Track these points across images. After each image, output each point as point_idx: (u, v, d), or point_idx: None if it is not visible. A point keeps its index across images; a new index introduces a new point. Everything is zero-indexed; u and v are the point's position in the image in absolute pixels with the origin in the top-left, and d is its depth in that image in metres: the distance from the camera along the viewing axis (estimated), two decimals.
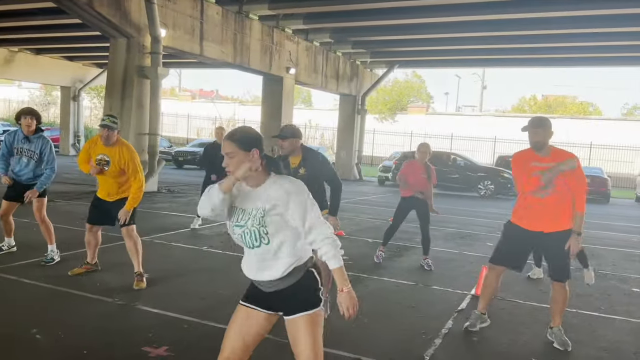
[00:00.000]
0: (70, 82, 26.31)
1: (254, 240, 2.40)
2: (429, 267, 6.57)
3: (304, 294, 2.42)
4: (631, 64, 21.16)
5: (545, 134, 4.02)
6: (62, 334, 3.89)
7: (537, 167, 4.02)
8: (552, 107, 39.72)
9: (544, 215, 4.07)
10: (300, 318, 2.39)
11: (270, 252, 2.39)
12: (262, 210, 2.36)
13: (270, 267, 2.41)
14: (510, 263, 4.31)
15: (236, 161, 2.37)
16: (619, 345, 4.27)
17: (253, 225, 2.38)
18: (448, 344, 4.13)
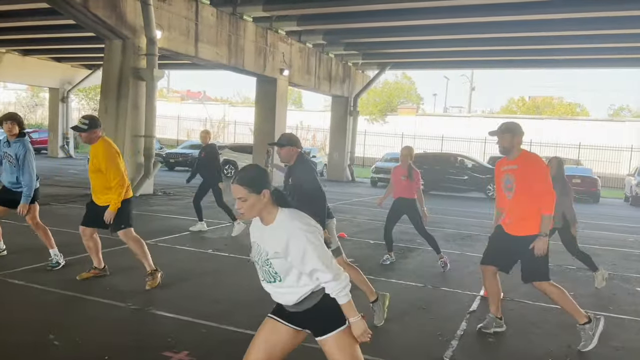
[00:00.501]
0: (59, 83, 26.02)
1: (269, 277, 2.48)
2: (444, 266, 6.60)
3: (329, 314, 2.43)
4: (617, 66, 21.49)
5: (512, 139, 4.16)
6: (79, 339, 3.85)
7: (505, 170, 4.24)
8: (540, 108, 40.15)
9: (510, 217, 4.20)
10: (330, 338, 2.42)
11: (284, 286, 2.45)
12: (265, 254, 2.43)
13: (285, 296, 2.48)
14: (494, 262, 4.35)
15: (249, 205, 2.38)
16: (632, 344, 4.34)
17: (263, 265, 2.47)
18: (464, 345, 4.16)
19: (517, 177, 4.12)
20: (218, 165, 8.62)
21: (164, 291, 5.10)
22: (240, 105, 42.87)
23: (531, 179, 4.05)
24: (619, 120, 34.89)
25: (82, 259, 6.07)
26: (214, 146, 8.74)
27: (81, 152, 29.55)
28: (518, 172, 4.12)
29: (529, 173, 4.08)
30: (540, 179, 4.05)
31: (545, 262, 4.14)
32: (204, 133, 8.68)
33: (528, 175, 4.07)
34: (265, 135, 18.45)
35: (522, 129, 4.25)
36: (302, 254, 2.32)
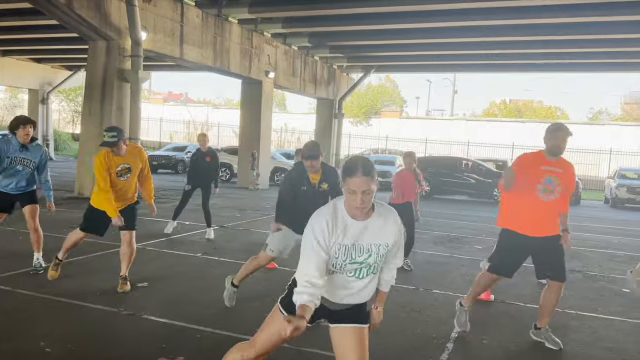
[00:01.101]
0: (39, 84, 25.60)
1: (371, 272, 2.43)
2: (408, 267, 6.70)
3: (359, 308, 2.50)
4: (595, 70, 21.92)
5: (566, 140, 4.15)
6: (72, 346, 3.78)
7: (548, 170, 4.11)
8: (521, 112, 40.68)
9: (544, 219, 4.14)
10: (352, 328, 2.43)
11: (373, 280, 2.47)
12: (384, 246, 2.38)
13: (362, 294, 2.48)
14: (510, 274, 4.37)
15: (371, 198, 2.27)
16: (624, 345, 4.40)
17: (376, 261, 2.39)
18: (460, 347, 4.18)
19: (562, 181, 4.11)
20: (218, 169, 8.58)
21: (156, 296, 5.03)
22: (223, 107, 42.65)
23: (570, 184, 4.22)
24: (599, 123, 35.51)
25: (70, 263, 5.97)
26: (215, 151, 8.64)
27: (61, 155, 29.12)
28: (563, 176, 4.12)
29: (571, 178, 4.21)
30: (574, 185, 4.28)
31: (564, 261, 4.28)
32: (203, 137, 8.40)
33: (570, 180, 4.21)
34: (250, 138, 18.40)
35: None
36: (399, 235, 2.46)
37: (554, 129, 4.16)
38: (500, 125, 34.04)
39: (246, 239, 8.49)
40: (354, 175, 2.21)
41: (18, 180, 5.46)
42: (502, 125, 33.99)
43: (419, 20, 15.30)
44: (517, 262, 4.30)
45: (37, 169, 5.53)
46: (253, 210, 12.27)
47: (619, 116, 40.32)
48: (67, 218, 9.34)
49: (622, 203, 19.17)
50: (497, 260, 4.35)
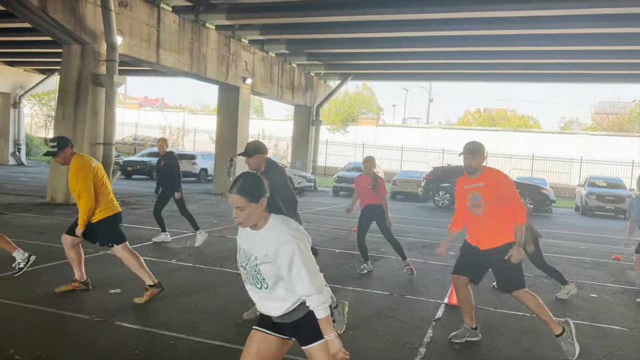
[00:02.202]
0: (10, 88, 25.09)
1: (255, 282, 2.48)
2: (410, 273, 6.72)
3: (315, 325, 2.43)
4: (567, 81, 22.49)
5: (480, 159, 4.26)
6: (42, 353, 3.72)
7: (470, 188, 4.30)
8: (495, 120, 41.39)
9: (480, 232, 4.31)
10: (316, 347, 2.46)
11: (271, 294, 2.45)
12: (255, 258, 2.43)
13: (272, 307, 2.49)
14: (466, 273, 4.47)
15: (247, 213, 2.38)
16: (589, 349, 4.51)
17: (251, 270, 2.46)
18: (433, 352, 4.25)
19: (486, 194, 4.19)
20: (178, 173, 8.45)
21: (129, 303, 4.98)
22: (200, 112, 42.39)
23: (501, 194, 4.19)
24: (570, 132, 36.36)
25: (45, 269, 5.89)
26: (172, 154, 8.61)
27: (33, 160, 28.55)
28: (486, 189, 4.21)
29: (498, 189, 4.20)
30: (511, 192, 4.22)
31: (521, 270, 4.30)
32: (161, 141, 8.44)
33: (497, 190, 4.19)
34: (227, 144, 18.33)
35: (484, 147, 4.33)
36: (289, 260, 2.33)
37: (464, 152, 4.27)
38: (474, 133, 34.57)
39: (222, 246, 8.46)
40: (230, 191, 2.39)
41: None
42: (477, 133, 34.53)
43: (396, 29, 15.54)
44: (471, 267, 4.42)
45: None
46: (230, 217, 12.22)
47: (589, 126, 41.33)
48: (37, 224, 9.20)
49: (592, 211, 19.63)
50: (457, 262, 4.57)
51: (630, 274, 8.04)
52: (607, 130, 37.31)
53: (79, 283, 5.24)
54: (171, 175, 8.31)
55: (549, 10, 12.87)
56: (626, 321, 5.38)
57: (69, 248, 5.14)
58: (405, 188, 21.74)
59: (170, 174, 8.30)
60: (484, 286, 6.30)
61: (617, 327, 5.19)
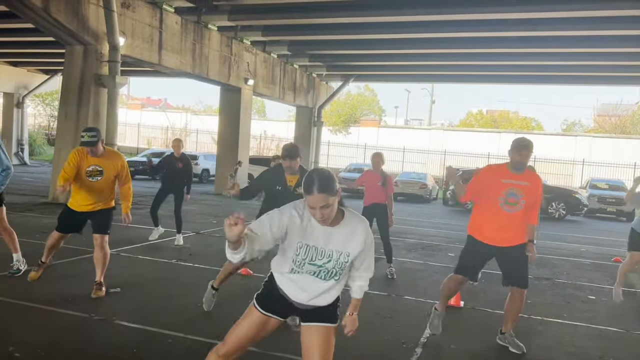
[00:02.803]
0: (14, 88, 25.20)
1: (328, 276, 2.51)
2: (392, 276, 6.77)
3: (328, 309, 2.59)
4: (569, 83, 22.46)
5: (529, 156, 4.25)
6: (42, 352, 3.77)
7: (510, 184, 4.23)
8: (497, 122, 41.36)
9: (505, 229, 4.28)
10: (319, 327, 2.54)
11: (337, 284, 2.56)
12: (345, 254, 2.46)
13: (325, 297, 2.57)
14: (473, 276, 4.59)
15: (331, 209, 2.36)
16: (586, 350, 4.54)
17: (334, 267, 2.48)
18: (429, 352, 4.28)
19: (527, 194, 4.20)
20: (191, 176, 8.53)
21: (129, 302, 5.03)
22: (202, 113, 42.47)
23: (536, 196, 4.30)
24: (572, 134, 36.31)
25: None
26: (188, 157, 8.59)
27: (37, 159, 28.66)
28: (529, 189, 4.21)
29: (537, 192, 4.29)
30: (541, 197, 4.39)
31: (527, 269, 4.43)
32: (177, 142, 8.34)
33: (536, 193, 4.29)
34: (228, 145, 18.38)
35: None
36: (369, 249, 2.53)
37: (520, 147, 4.20)
38: (476, 135, 34.59)
39: (222, 246, 8.46)
40: (310, 193, 2.31)
41: None
42: (478, 135, 34.54)
43: (398, 31, 15.55)
44: (478, 266, 4.50)
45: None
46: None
47: (591, 128, 41.27)
48: (40, 223, 9.26)
49: (593, 213, 19.62)
50: (461, 263, 4.53)
51: (630, 276, 8.04)
52: (610, 133, 37.25)
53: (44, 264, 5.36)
54: (188, 177, 8.35)
55: (552, 12, 12.86)
56: (623, 323, 5.40)
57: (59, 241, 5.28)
58: (406, 189, 21.76)
59: (187, 176, 8.34)
60: (481, 287, 6.34)
61: (613, 328, 5.21)
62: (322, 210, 2.33)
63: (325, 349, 2.52)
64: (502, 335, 4.45)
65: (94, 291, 5.07)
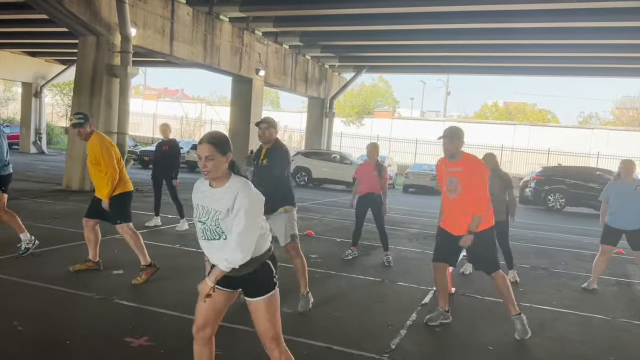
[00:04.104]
0: (32, 78, 25.71)
1: (214, 235, 2.69)
2: (389, 263, 6.92)
3: (261, 281, 2.77)
4: (587, 75, 22.22)
5: (459, 144, 4.41)
6: (44, 326, 4.01)
7: (449, 172, 4.46)
8: (512, 114, 41.03)
9: (452, 216, 4.49)
10: (259, 301, 2.76)
11: (227, 245, 2.67)
12: (218, 212, 2.64)
13: (221, 259, 2.69)
14: (444, 259, 4.70)
15: (214, 164, 2.60)
16: (566, 335, 4.66)
17: (211, 225, 2.68)
18: (412, 334, 4.44)
19: (462, 179, 4.37)
20: (178, 161, 8.68)
21: (130, 283, 5.25)
22: (217, 104, 42.79)
23: (475, 181, 4.34)
24: (588, 127, 35.87)
25: (52, 251, 6.20)
26: (175, 141, 8.80)
27: (53, 148, 29.24)
28: (462, 175, 4.37)
29: (473, 176, 4.35)
30: (483, 182, 4.37)
31: (494, 253, 4.57)
32: (164, 126, 8.58)
33: (472, 177, 4.35)
34: (240, 135, 18.59)
35: (464, 133, 4.48)
36: (237, 211, 2.57)
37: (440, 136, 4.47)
38: (490, 127, 34.37)
39: None
40: (200, 143, 2.61)
41: None
42: (493, 127, 34.32)
43: (411, 21, 15.53)
44: (448, 251, 4.65)
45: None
46: None
47: (609, 121, 40.71)
48: (52, 210, 9.57)
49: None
50: (435, 249, 4.80)
51: (628, 267, 8.09)
52: (627, 126, 36.72)
53: (92, 263, 5.56)
54: (173, 161, 8.51)
55: (570, 3, 12.72)
56: (610, 311, 5.49)
57: (89, 230, 5.46)
58: (417, 181, 21.83)
59: (172, 160, 8.51)
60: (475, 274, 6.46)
61: (600, 316, 5.30)
62: (206, 162, 2.57)
63: (268, 316, 2.75)
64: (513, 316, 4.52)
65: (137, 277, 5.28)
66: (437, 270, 4.71)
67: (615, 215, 6.28)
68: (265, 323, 2.76)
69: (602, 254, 6.48)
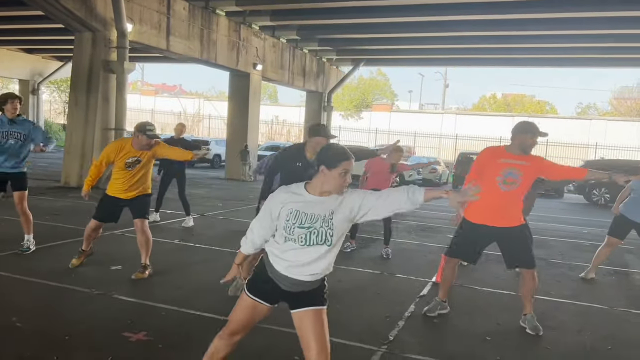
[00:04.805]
0: (29, 75, 25.68)
1: (319, 239, 2.60)
2: (387, 256, 6.95)
3: (315, 293, 2.71)
4: (585, 65, 22.19)
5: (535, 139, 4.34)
6: (42, 321, 4.01)
7: (507, 163, 4.29)
8: (510, 106, 40.98)
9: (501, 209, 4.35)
10: (308, 311, 2.66)
11: (330, 251, 2.65)
12: (330, 212, 2.59)
13: (320, 265, 2.65)
14: (469, 258, 4.65)
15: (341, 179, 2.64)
16: (565, 325, 4.68)
17: (322, 227, 2.60)
18: (410, 325, 4.45)
19: (526, 174, 4.26)
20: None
21: (128, 278, 5.25)
22: (215, 99, 42.73)
23: (542, 172, 4.39)
24: (586, 118, 35.88)
25: (52, 247, 6.21)
26: (186, 140, 8.79)
27: None
28: (528, 169, 4.26)
29: (537, 172, 4.34)
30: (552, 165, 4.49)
31: (532, 249, 4.51)
32: (180, 126, 8.68)
33: (536, 173, 4.35)
34: (238, 130, 18.60)
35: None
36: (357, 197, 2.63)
37: (523, 130, 4.31)
38: (489, 119, 34.37)
39: (224, 227, 8.73)
40: (348, 159, 2.60)
41: (8, 156, 5.68)
42: (491, 119, 34.31)
43: (409, 14, 15.47)
44: (475, 248, 4.55)
45: (32, 140, 5.77)
46: (236, 201, 12.52)
47: (607, 111, 40.69)
48: (51, 206, 9.57)
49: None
50: (455, 245, 4.64)
51: (627, 257, 8.11)
52: (625, 116, 36.70)
53: (87, 252, 5.58)
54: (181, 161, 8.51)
55: None
56: (608, 301, 5.50)
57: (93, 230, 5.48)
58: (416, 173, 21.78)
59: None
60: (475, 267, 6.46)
61: (598, 305, 5.32)
62: (348, 176, 2.61)
63: (319, 330, 2.63)
64: (524, 316, 4.50)
65: (137, 273, 5.27)
66: (450, 265, 4.70)
67: (635, 207, 6.08)
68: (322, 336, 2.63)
69: (607, 245, 6.43)
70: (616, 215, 6.37)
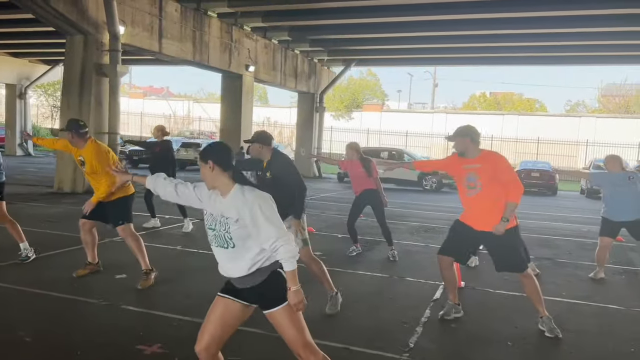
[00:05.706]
0: (16, 79, 25.26)
1: (223, 242, 2.68)
2: (394, 258, 6.85)
3: (274, 292, 2.67)
4: (573, 63, 22.33)
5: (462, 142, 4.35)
6: (50, 336, 3.87)
7: (467, 169, 4.34)
8: (500, 104, 41.18)
9: (475, 213, 4.36)
10: (277, 311, 2.66)
11: (235, 253, 2.66)
12: (225, 218, 2.64)
13: (235, 267, 2.69)
14: (454, 254, 4.60)
15: (201, 172, 2.75)
16: (584, 327, 4.61)
17: (220, 231, 2.68)
18: (428, 331, 4.36)
19: (483, 176, 4.25)
20: (173, 160, 8.58)
21: (135, 287, 5.11)
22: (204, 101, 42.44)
23: (497, 174, 4.23)
24: (575, 115, 36.15)
25: (52, 256, 6.05)
26: (168, 142, 8.66)
27: (40, 151, 28.78)
28: (483, 171, 4.25)
29: (493, 169, 4.24)
30: (506, 171, 4.27)
31: (519, 252, 4.40)
32: (161, 127, 8.52)
33: (493, 171, 4.24)
34: (230, 132, 18.41)
35: (477, 130, 4.39)
36: (254, 219, 2.58)
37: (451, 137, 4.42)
38: (479, 117, 34.48)
39: None
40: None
41: None
42: (481, 117, 34.44)
43: (399, 14, 15.47)
44: (460, 247, 4.54)
45: None
46: None
47: (595, 108, 41.04)
48: (45, 213, 9.38)
49: (597, 193, 19.57)
50: (445, 242, 4.69)
51: (631, 255, 8.10)
52: (614, 113, 37.03)
53: (93, 265, 5.45)
54: (166, 161, 8.37)
55: None
56: (622, 300, 5.46)
57: (86, 232, 5.33)
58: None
59: (165, 160, 8.37)
60: (483, 268, 6.41)
61: (613, 306, 5.27)
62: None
63: (287, 327, 2.66)
64: (540, 319, 4.41)
65: (142, 282, 5.12)
66: (443, 264, 4.63)
67: (612, 208, 6.22)
68: (290, 331, 2.67)
69: (601, 246, 6.46)
70: (603, 218, 6.44)
